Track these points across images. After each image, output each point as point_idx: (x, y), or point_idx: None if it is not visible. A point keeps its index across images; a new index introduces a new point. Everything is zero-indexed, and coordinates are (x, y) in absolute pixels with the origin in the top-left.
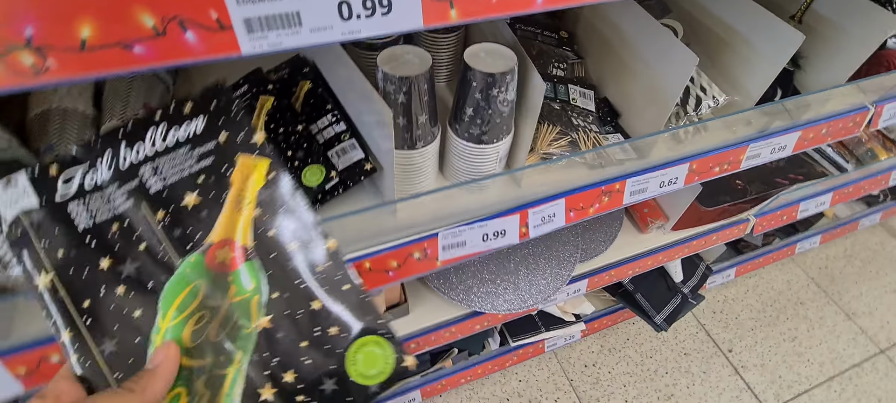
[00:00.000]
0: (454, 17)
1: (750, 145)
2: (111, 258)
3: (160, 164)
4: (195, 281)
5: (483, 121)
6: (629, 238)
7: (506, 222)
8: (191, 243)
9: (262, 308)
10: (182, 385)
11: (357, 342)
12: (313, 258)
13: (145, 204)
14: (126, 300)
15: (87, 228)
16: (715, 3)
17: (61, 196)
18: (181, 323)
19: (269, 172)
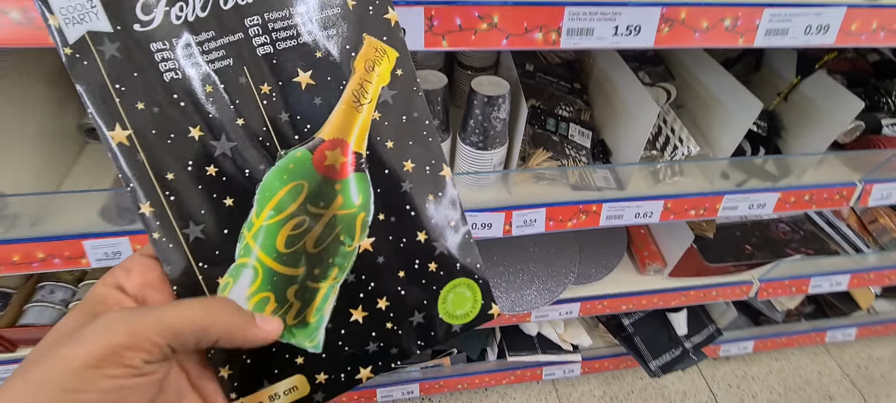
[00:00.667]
0: (445, 45)
1: (726, 195)
2: (202, 128)
3: (271, 20)
4: (298, 180)
5: (482, 132)
6: (627, 275)
7: (493, 217)
8: (299, 134)
9: (366, 227)
10: (270, 290)
11: (452, 282)
12: (428, 184)
13: (248, 69)
14: (217, 183)
15: (174, 80)
16: (704, 73)
17: (142, 26)
18: (277, 225)
19: (397, 68)
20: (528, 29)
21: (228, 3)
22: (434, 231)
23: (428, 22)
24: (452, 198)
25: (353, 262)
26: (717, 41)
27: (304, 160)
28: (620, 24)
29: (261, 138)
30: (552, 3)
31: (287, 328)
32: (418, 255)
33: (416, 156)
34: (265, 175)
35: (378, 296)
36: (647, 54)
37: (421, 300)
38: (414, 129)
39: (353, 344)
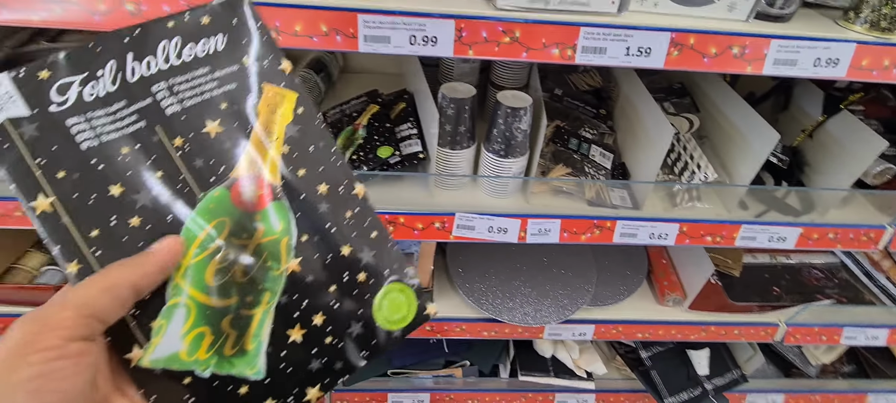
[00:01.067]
0: (471, 54)
1: (743, 225)
2: (123, 185)
3: (176, 84)
4: (220, 217)
5: (504, 141)
6: (644, 303)
7: (509, 223)
8: (214, 175)
9: (291, 250)
10: (205, 324)
11: (384, 288)
12: (344, 203)
13: (161, 128)
14: (142, 232)
15: (92, 148)
16: (727, 105)
17: (57, 107)
18: (204, 261)
19: (298, 107)
20: (546, 45)
21: (135, 74)
22: (357, 243)
23: (458, 33)
24: (370, 212)
25: (283, 285)
26: (725, 67)
27: (223, 198)
28: (632, 45)
29: (180, 185)
30: (569, 24)
31: (226, 358)
32: (346, 268)
33: (328, 179)
34: (188, 218)
35: (313, 313)
36: (673, 86)
37: (356, 310)
38: (323, 156)
39: (296, 365)
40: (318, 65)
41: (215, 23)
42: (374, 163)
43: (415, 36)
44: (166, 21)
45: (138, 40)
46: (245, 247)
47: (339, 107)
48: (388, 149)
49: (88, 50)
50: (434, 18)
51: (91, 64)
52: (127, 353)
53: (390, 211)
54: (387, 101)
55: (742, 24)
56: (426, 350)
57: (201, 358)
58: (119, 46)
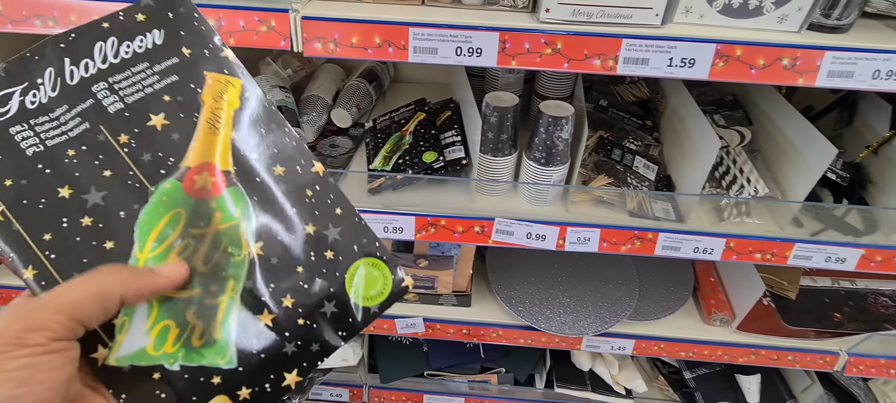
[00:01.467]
0: (513, 64)
1: (797, 243)
2: (71, 186)
3: (116, 82)
4: (174, 209)
5: (545, 149)
6: (689, 321)
7: (548, 230)
8: (164, 168)
9: (251, 234)
10: (169, 317)
11: (354, 264)
12: (302, 182)
13: (104, 127)
14: (95, 231)
15: (37, 153)
16: (781, 118)
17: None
18: (162, 254)
19: (244, 92)
20: (588, 55)
21: (74, 78)
22: (320, 221)
23: (501, 44)
24: (332, 189)
25: (246, 270)
26: (775, 79)
27: (174, 190)
28: (675, 56)
29: (129, 181)
30: (611, 35)
31: (195, 350)
32: (311, 247)
33: (283, 160)
34: (140, 212)
35: (281, 296)
36: (725, 99)
37: (327, 288)
38: (276, 139)
39: (268, 351)
40: (371, 75)
41: (151, 19)
42: (419, 166)
43: (461, 47)
44: (101, 22)
45: (74, 45)
46: (203, 236)
47: (388, 115)
48: (432, 154)
49: (26, 59)
50: (479, 31)
51: (31, 73)
52: (92, 353)
53: (432, 213)
54: (433, 109)
55: (794, 36)
56: (463, 353)
57: (168, 352)
58: (56, 53)
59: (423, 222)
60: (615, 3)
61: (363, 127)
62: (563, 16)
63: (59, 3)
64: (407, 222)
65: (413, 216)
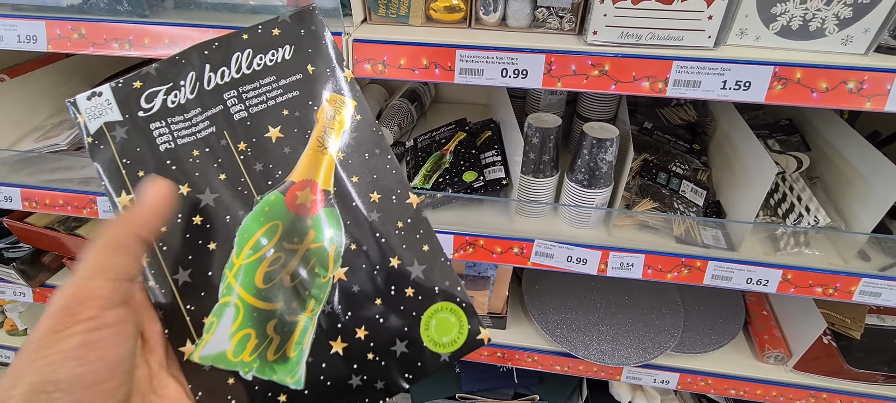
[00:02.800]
0: (559, 86)
1: (863, 278)
2: (190, 185)
3: (245, 91)
4: (273, 221)
5: (588, 171)
6: (740, 357)
7: (589, 254)
8: (271, 179)
9: (339, 258)
10: (251, 326)
11: (433, 306)
12: (395, 213)
13: (227, 133)
14: (202, 230)
15: (168, 150)
16: (844, 145)
17: (144, 113)
18: (255, 263)
19: (356, 114)
20: (636, 77)
21: (211, 84)
22: (406, 256)
23: (547, 66)
24: (422, 224)
25: (328, 293)
26: (839, 103)
27: (277, 202)
28: (729, 78)
29: (240, 187)
30: (661, 58)
31: (268, 364)
32: (394, 281)
33: (381, 188)
34: (244, 219)
35: (356, 326)
36: (780, 123)
37: (402, 327)
38: (377, 164)
39: (335, 379)
40: (412, 95)
41: (284, 34)
42: (458, 186)
43: (506, 69)
44: (241, 33)
45: (216, 52)
46: (295, 252)
47: (429, 134)
48: (472, 173)
49: (175, 61)
50: (525, 53)
51: (176, 75)
52: (181, 346)
53: (471, 232)
54: (474, 129)
55: (860, 58)
56: (496, 377)
57: (245, 360)
58: (200, 58)
59: (462, 241)
60: (665, 26)
61: (404, 145)
62: (612, 38)
63: (134, 28)
64: (445, 241)
65: (451, 235)
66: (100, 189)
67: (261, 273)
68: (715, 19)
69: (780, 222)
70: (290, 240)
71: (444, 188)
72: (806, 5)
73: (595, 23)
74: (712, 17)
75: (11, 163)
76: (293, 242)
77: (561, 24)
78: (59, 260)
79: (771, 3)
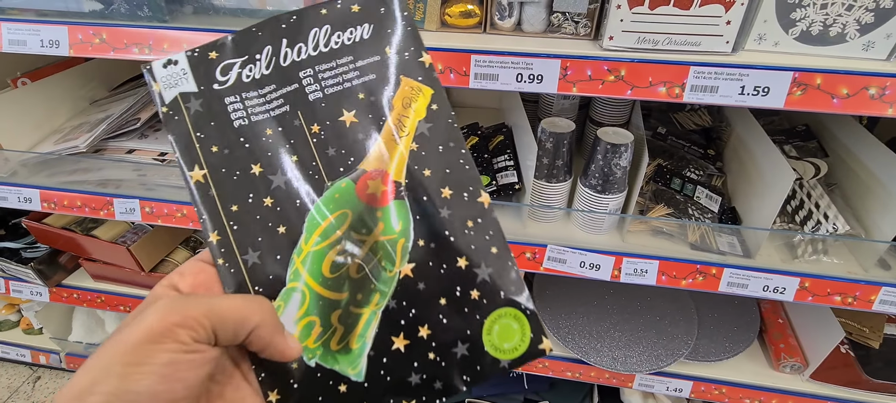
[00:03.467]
0: (574, 91)
1: (884, 287)
2: (263, 165)
3: (321, 70)
4: (343, 209)
5: (602, 177)
6: (755, 365)
7: (603, 259)
8: (343, 166)
9: (406, 253)
10: (316, 314)
11: (497, 311)
12: (466, 212)
13: (302, 113)
14: (273, 213)
15: (242, 126)
16: (863, 151)
17: (219, 85)
18: (323, 251)
19: (432, 103)
20: (653, 83)
21: (287, 60)
22: (474, 257)
23: (563, 71)
24: (492, 225)
25: (394, 288)
26: (860, 109)
27: (348, 190)
28: (747, 84)
29: (311, 171)
30: (678, 63)
31: (331, 353)
32: (459, 282)
33: (453, 183)
34: (314, 204)
35: (419, 324)
36: (797, 129)
37: (464, 330)
38: (451, 158)
39: (395, 375)
40: None
41: (364, 11)
42: None
43: (521, 74)
44: (320, 8)
45: (294, 27)
46: (363, 243)
47: None
48: (485, 178)
49: (251, 33)
50: (541, 58)
51: (251, 47)
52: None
53: None
54: (486, 134)
55: (882, 64)
56: (506, 382)
57: (310, 347)
58: (277, 32)
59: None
60: (683, 31)
61: None
62: (628, 43)
63: (153, 33)
64: None
65: None
66: (117, 191)
67: (328, 261)
68: (733, 24)
69: (797, 229)
70: (359, 231)
71: None
72: (826, 10)
73: (611, 28)
74: (730, 23)
75: (32, 165)
76: (362, 233)
77: (576, 29)
78: (76, 261)
79: (790, 8)
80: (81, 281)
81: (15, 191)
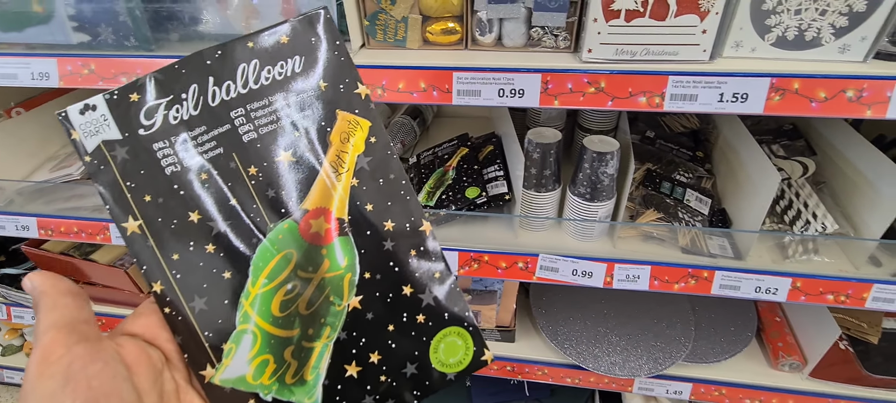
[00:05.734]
0: (556, 103)
1: (875, 284)
2: (200, 212)
3: (252, 109)
4: (287, 249)
5: (590, 185)
6: (754, 365)
7: (595, 267)
8: (284, 207)
9: (353, 286)
10: (269, 352)
11: (442, 331)
12: (409, 242)
13: (237, 155)
14: (216, 259)
15: (174, 173)
16: (850, 150)
17: (145, 131)
18: (271, 292)
19: (371, 135)
20: (633, 93)
21: (216, 99)
22: (419, 283)
23: (544, 85)
24: (434, 251)
25: (343, 320)
26: (838, 111)
27: (291, 230)
28: (726, 91)
29: (252, 214)
30: (657, 73)
31: (287, 386)
32: (406, 308)
33: (395, 215)
34: (258, 247)
35: (370, 351)
36: (784, 128)
37: (412, 351)
38: (391, 190)
39: (350, 399)
40: (415, 111)
41: (293, 42)
42: (461, 202)
43: (503, 89)
44: (246, 41)
45: (219, 63)
46: (310, 281)
47: (432, 150)
48: (475, 189)
49: (174, 71)
50: (521, 73)
51: (175, 86)
52: (202, 370)
53: (475, 249)
54: (476, 144)
55: (859, 66)
56: (507, 390)
57: (265, 383)
58: (202, 69)
59: (467, 257)
60: (660, 41)
61: (407, 162)
62: (606, 55)
63: (141, 62)
64: (450, 257)
65: (456, 251)
66: None
67: (277, 301)
68: (709, 33)
69: (787, 229)
70: (305, 269)
71: (448, 204)
72: (800, 16)
73: (589, 41)
74: (707, 31)
75: (28, 194)
76: (308, 271)
77: (556, 42)
78: None
79: (765, 15)
80: None
81: (12, 219)
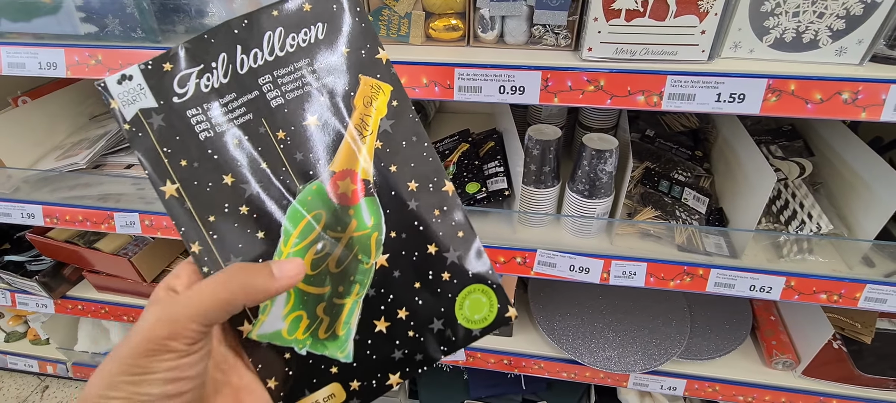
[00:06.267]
0: (556, 101)
1: (868, 284)
2: (234, 175)
3: (279, 76)
4: (316, 210)
5: (588, 182)
6: (747, 363)
7: (592, 263)
8: (312, 169)
9: (380, 245)
10: (302, 308)
11: (467, 288)
12: (432, 202)
13: (266, 121)
14: (249, 220)
15: (208, 139)
16: (847, 151)
17: (179, 99)
18: (302, 251)
19: (393, 99)
20: (631, 92)
21: (244, 67)
22: (443, 242)
23: (544, 82)
24: (458, 210)
25: (372, 278)
26: (834, 113)
27: (320, 191)
28: (723, 91)
29: (282, 177)
30: (655, 73)
31: (320, 341)
32: (431, 266)
33: (418, 176)
34: (288, 208)
35: (398, 307)
36: (782, 129)
37: (438, 308)
38: (414, 152)
39: (380, 353)
40: (416, 105)
41: (316, 9)
42: (461, 197)
43: (504, 86)
44: (271, 9)
45: (246, 32)
46: (339, 240)
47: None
48: (475, 185)
49: (204, 41)
50: (522, 70)
51: (206, 55)
52: (239, 326)
53: None
54: (476, 140)
55: (854, 69)
56: (504, 383)
57: (299, 338)
58: (230, 38)
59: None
60: (659, 41)
61: None
62: (606, 54)
63: (147, 53)
64: None
65: None
66: (117, 205)
67: (308, 260)
68: (708, 34)
69: (782, 229)
70: (334, 229)
71: None
72: (798, 18)
73: (590, 40)
74: (705, 32)
75: (34, 182)
76: (337, 230)
77: (557, 40)
78: (79, 273)
79: (764, 17)
80: (86, 292)
81: (18, 207)
